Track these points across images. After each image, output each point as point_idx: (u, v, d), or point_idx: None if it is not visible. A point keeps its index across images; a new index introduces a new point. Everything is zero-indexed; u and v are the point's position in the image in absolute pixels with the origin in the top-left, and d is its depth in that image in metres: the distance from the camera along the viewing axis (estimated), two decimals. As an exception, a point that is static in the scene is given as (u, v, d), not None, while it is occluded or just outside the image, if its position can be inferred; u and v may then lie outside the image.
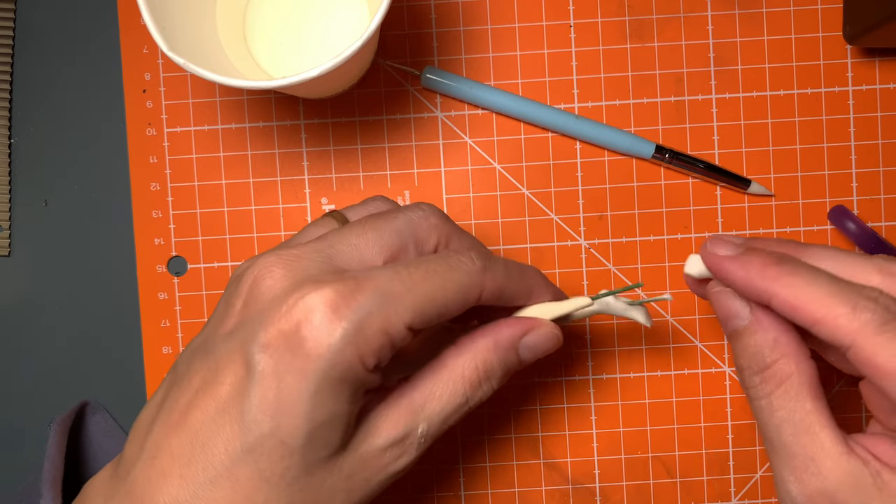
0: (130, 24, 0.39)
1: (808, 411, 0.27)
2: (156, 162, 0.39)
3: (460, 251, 0.28)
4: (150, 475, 0.25)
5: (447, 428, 0.28)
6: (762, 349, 0.28)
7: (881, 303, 0.25)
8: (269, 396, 0.24)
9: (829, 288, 0.26)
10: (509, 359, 0.29)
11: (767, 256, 0.27)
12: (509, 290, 0.29)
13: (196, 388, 0.26)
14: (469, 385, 0.28)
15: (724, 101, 0.39)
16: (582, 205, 0.39)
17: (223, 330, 0.26)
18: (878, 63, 0.39)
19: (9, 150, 0.39)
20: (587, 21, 0.39)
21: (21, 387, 0.40)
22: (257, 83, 0.29)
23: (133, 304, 0.39)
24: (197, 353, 0.27)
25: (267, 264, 0.26)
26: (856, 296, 0.25)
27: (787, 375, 0.27)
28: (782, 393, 0.27)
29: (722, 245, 0.29)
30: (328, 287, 0.25)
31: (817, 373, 0.27)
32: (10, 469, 0.40)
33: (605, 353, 0.39)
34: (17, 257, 0.40)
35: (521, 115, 0.38)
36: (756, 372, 0.28)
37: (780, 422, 0.27)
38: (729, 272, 0.28)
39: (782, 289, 0.26)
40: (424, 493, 0.40)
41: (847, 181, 0.39)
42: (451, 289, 0.27)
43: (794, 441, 0.27)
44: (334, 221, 0.30)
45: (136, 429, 0.27)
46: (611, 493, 0.39)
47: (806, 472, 0.26)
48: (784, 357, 0.27)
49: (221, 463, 0.25)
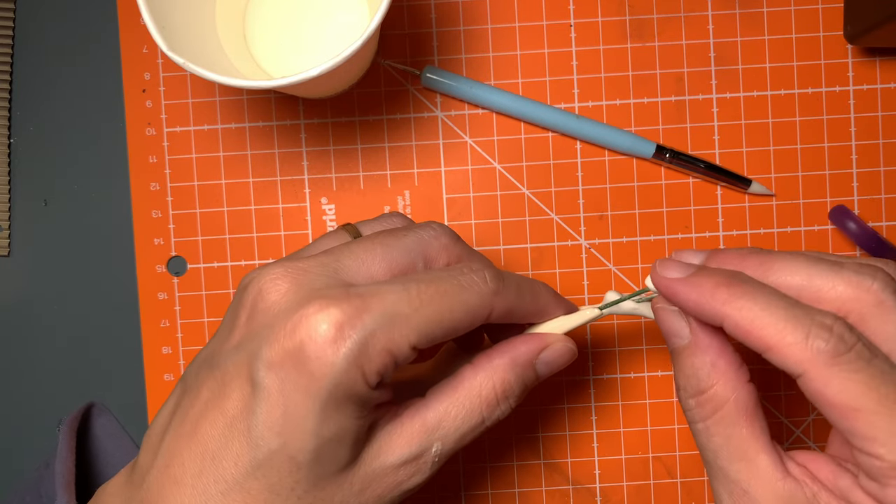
0: (130, 24, 0.39)
1: (743, 437, 0.26)
2: (155, 162, 0.39)
3: (474, 269, 0.27)
4: (164, 483, 0.26)
5: (463, 447, 0.28)
6: (698, 372, 0.27)
7: (835, 331, 0.24)
8: (276, 414, 0.25)
9: (783, 313, 0.24)
10: (527, 376, 0.29)
11: (719, 277, 0.26)
12: (520, 311, 0.29)
13: (205, 400, 0.26)
14: (486, 405, 0.28)
15: (724, 100, 0.39)
16: (582, 205, 0.39)
17: (229, 344, 0.27)
18: (879, 63, 0.39)
19: (8, 150, 0.39)
20: (587, 21, 0.39)
21: (21, 387, 0.40)
22: (257, 83, 0.29)
23: (133, 304, 0.39)
24: (204, 366, 0.27)
25: (272, 277, 0.26)
26: (809, 322, 0.24)
27: (723, 402, 0.27)
28: (718, 419, 0.27)
29: (671, 267, 0.28)
30: (333, 305, 0.25)
31: (756, 395, 0.27)
32: (9, 469, 0.40)
33: (605, 353, 0.39)
34: (17, 257, 0.40)
35: (522, 114, 0.38)
36: (692, 395, 0.27)
37: (716, 447, 0.27)
38: (678, 294, 0.27)
39: (733, 312, 0.25)
40: (424, 493, 0.40)
41: (848, 181, 0.39)
42: (460, 310, 0.26)
43: (729, 466, 0.26)
44: (346, 234, 0.30)
45: (150, 437, 0.27)
46: (611, 493, 0.39)
47: (742, 498, 0.26)
48: (720, 382, 0.27)
49: (232, 476, 0.25)
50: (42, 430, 0.39)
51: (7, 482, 0.39)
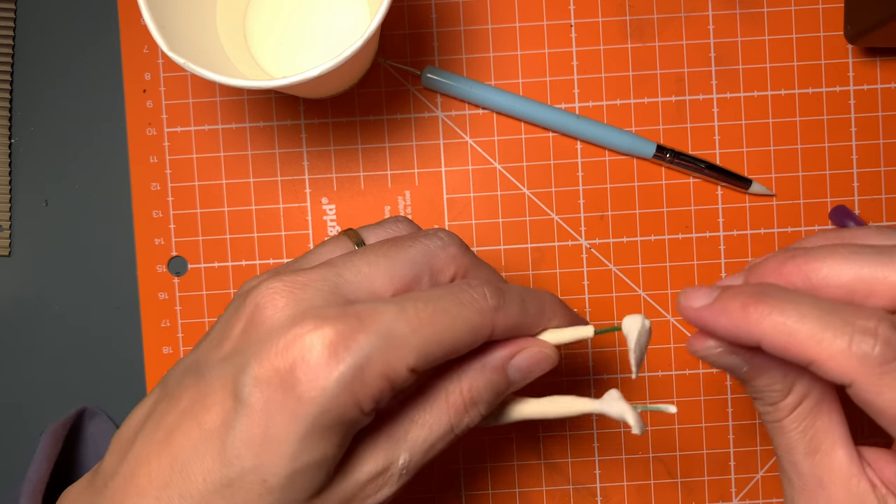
0: (131, 24, 0.39)
1: (818, 430, 0.25)
2: (156, 162, 0.39)
3: (473, 285, 0.26)
4: (127, 492, 0.25)
5: (433, 457, 0.27)
6: (766, 392, 0.26)
7: (880, 335, 0.22)
8: (256, 433, 0.24)
9: (820, 322, 0.23)
10: (498, 381, 0.27)
11: (745, 295, 0.24)
12: (525, 327, 0.27)
13: (183, 408, 0.25)
14: (454, 411, 0.27)
15: (725, 100, 0.39)
16: (583, 205, 0.39)
17: (217, 354, 0.26)
18: (880, 63, 0.39)
19: (9, 150, 0.39)
20: (588, 21, 0.39)
21: (21, 387, 0.40)
22: (258, 83, 0.29)
23: (133, 304, 0.39)
24: (188, 372, 0.26)
25: (271, 291, 0.25)
26: (851, 329, 0.22)
27: (798, 402, 0.26)
28: (795, 416, 0.26)
29: (694, 296, 0.26)
30: (328, 325, 0.24)
31: (832, 387, 0.26)
32: (9, 469, 0.40)
33: (605, 353, 0.39)
34: (17, 257, 0.40)
35: (522, 114, 0.38)
36: (769, 404, 0.26)
37: (791, 442, 0.26)
38: (708, 323, 0.25)
39: (768, 330, 0.23)
40: (424, 493, 0.40)
41: (848, 181, 0.39)
42: (461, 328, 0.25)
43: (804, 461, 0.25)
44: (349, 241, 0.29)
45: (119, 439, 0.26)
46: (611, 493, 0.39)
47: (814, 493, 0.25)
48: (793, 392, 0.26)
49: (199, 492, 0.24)
50: (41, 430, 0.39)
51: (7, 481, 0.39)
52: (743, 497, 0.39)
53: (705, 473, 0.39)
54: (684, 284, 0.39)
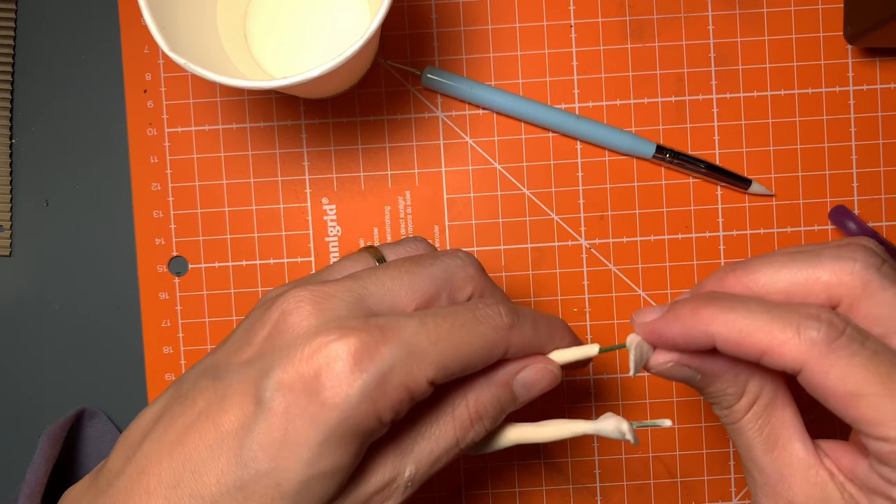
0: (131, 24, 0.39)
1: (773, 426, 0.26)
2: (157, 162, 0.39)
3: (489, 304, 0.27)
4: (134, 490, 0.25)
5: (437, 470, 0.27)
6: (721, 396, 0.27)
7: (824, 318, 0.24)
8: (275, 436, 0.24)
9: (768, 315, 0.24)
10: (503, 397, 0.28)
11: (695, 301, 0.26)
12: (536, 346, 0.28)
13: (199, 410, 0.25)
14: (459, 425, 0.27)
15: (724, 101, 0.39)
16: (583, 205, 0.39)
17: (239, 357, 0.26)
18: (879, 63, 0.39)
19: (9, 151, 0.39)
20: (588, 21, 0.39)
21: (21, 387, 0.40)
22: (258, 83, 0.29)
23: (134, 304, 0.39)
24: (206, 375, 0.26)
25: (297, 299, 0.26)
26: (797, 317, 0.24)
27: (751, 403, 0.27)
28: (750, 416, 0.27)
29: (647, 312, 0.27)
30: (353, 335, 0.24)
31: (783, 383, 0.27)
32: (9, 470, 0.40)
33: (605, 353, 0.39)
34: (17, 257, 0.40)
35: (522, 115, 0.38)
36: (722, 408, 0.27)
37: (749, 441, 0.27)
38: (662, 332, 0.26)
39: (719, 328, 0.25)
40: (424, 493, 0.40)
41: (848, 181, 0.39)
42: (477, 343, 0.26)
43: (763, 458, 0.26)
44: (370, 258, 0.30)
45: (126, 439, 0.26)
46: (611, 493, 0.39)
47: (776, 487, 0.26)
48: (746, 393, 0.27)
49: (210, 494, 0.24)
50: (42, 430, 0.39)
51: (7, 481, 0.40)
52: (743, 497, 0.39)
53: (705, 473, 0.39)
54: (684, 284, 0.39)
